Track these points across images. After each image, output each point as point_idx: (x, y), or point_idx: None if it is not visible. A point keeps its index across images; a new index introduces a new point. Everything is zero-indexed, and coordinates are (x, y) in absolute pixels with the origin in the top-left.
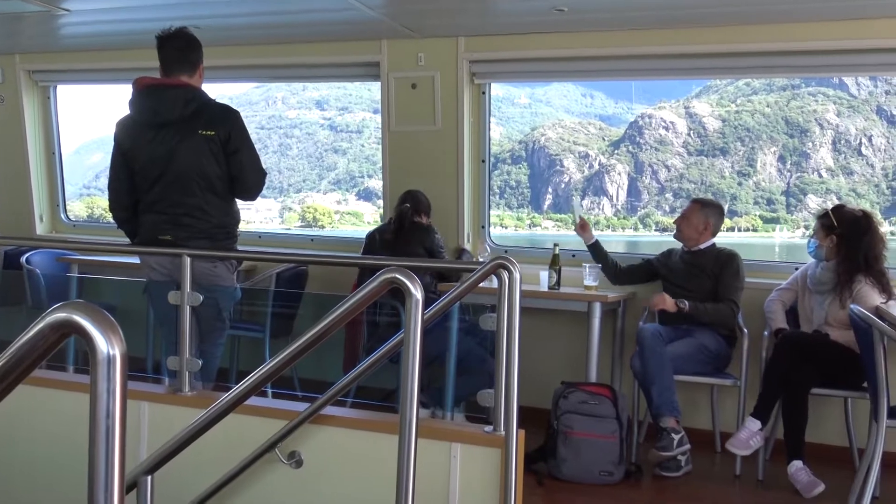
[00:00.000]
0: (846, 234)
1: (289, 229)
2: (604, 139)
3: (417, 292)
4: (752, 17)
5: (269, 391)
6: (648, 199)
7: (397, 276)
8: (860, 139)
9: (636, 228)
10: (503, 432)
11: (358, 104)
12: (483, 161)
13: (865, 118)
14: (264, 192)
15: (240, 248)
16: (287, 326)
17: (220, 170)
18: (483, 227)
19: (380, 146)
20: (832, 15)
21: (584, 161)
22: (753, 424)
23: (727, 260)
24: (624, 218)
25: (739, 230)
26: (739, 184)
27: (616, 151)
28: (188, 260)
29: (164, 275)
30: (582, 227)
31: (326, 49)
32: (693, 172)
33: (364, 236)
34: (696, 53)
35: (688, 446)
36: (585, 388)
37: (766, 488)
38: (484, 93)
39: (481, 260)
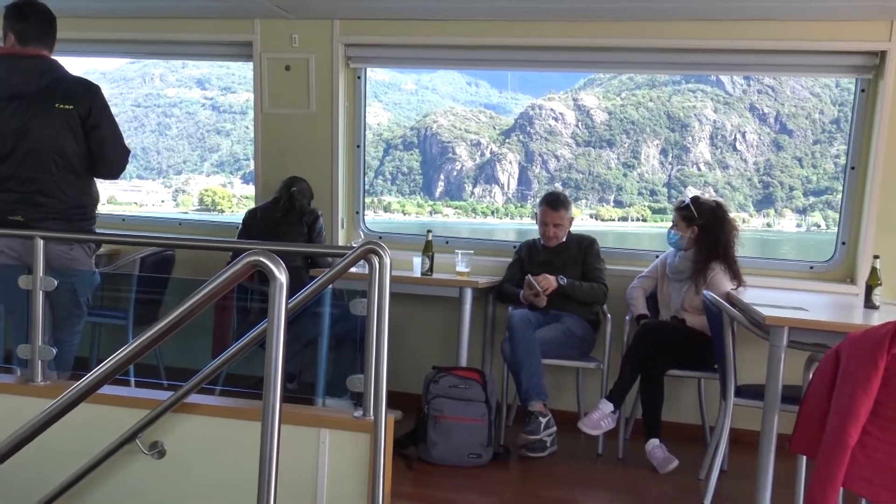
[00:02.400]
0: (706, 224)
1: (186, 213)
2: (494, 128)
3: (282, 276)
4: (632, 13)
5: (132, 380)
6: (538, 188)
7: (261, 258)
8: (735, 135)
9: (533, 217)
10: (372, 417)
11: (242, 84)
12: (358, 146)
13: (740, 115)
14: (143, 173)
15: (100, 230)
16: (153, 313)
17: (78, 146)
18: (357, 212)
19: None
20: (710, 15)
21: (476, 149)
22: (606, 407)
23: (589, 245)
24: (516, 206)
25: (631, 220)
26: (625, 175)
27: (507, 140)
28: (41, 243)
29: (14, 258)
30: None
31: (198, 26)
32: (581, 163)
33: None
34: (579, 47)
35: (554, 429)
36: (456, 373)
37: (626, 465)
38: (359, 77)
39: (355, 246)
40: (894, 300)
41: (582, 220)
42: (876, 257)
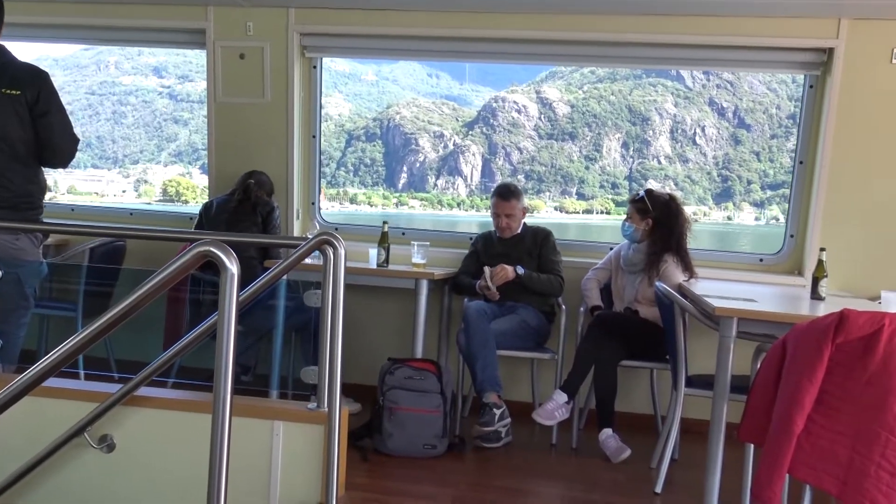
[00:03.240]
0: (659, 217)
1: (149, 204)
2: (457, 120)
3: (233, 266)
4: (591, 7)
5: (82, 372)
6: (502, 180)
7: (211, 248)
8: (695, 129)
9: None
10: (326, 409)
11: (199, 73)
12: (314, 136)
13: (699, 109)
14: (98, 162)
15: (48, 220)
16: (103, 305)
17: (24, 133)
18: (313, 203)
19: None
20: (666, 10)
21: (440, 141)
22: (560, 397)
23: (545, 237)
24: (480, 198)
25: (596, 213)
26: (587, 168)
27: (470, 132)
28: None
29: None
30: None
31: (151, 12)
32: (544, 155)
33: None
34: (539, 39)
35: (508, 420)
36: (411, 364)
37: (579, 455)
38: (315, 67)
39: (310, 237)
40: (840, 292)
41: (547, 213)
42: (822, 250)
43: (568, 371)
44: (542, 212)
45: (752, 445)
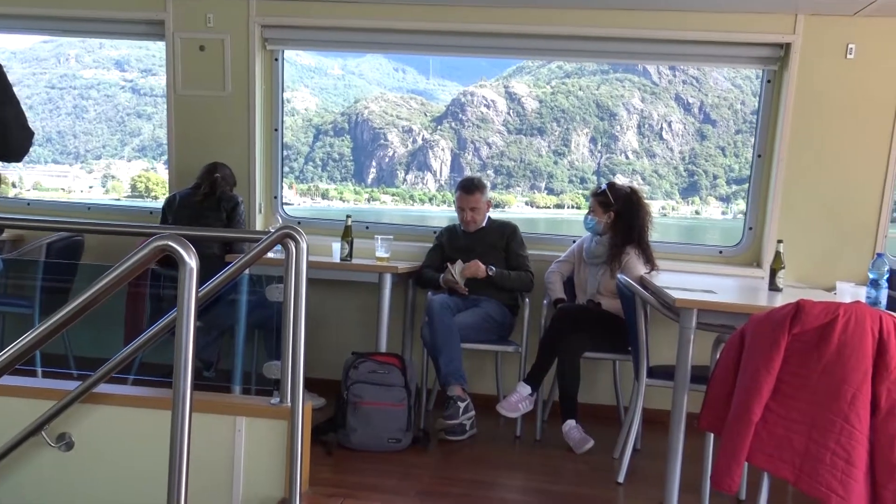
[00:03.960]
0: (621, 210)
1: (118, 199)
2: (426, 114)
3: (192, 260)
4: (552, 1)
5: (39, 370)
6: (469, 175)
7: (169, 243)
8: (661, 124)
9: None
10: (289, 404)
11: (163, 66)
12: (276, 130)
13: (665, 105)
14: (59, 157)
15: (2, 215)
16: (61, 301)
17: None
18: (276, 197)
19: None
20: (628, 4)
21: (408, 136)
22: (524, 389)
23: (512, 232)
24: (451, 193)
25: (567, 207)
26: (555, 162)
27: (439, 127)
28: None
29: None
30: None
31: (109, 2)
32: (513, 150)
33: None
34: (504, 33)
35: (473, 412)
36: (375, 358)
37: (543, 447)
38: (277, 59)
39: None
40: (796, 283)
41: (518, 208)
42: (780, 242)
43: (531, 363)
44: (513, 206)
45: (711, 434)
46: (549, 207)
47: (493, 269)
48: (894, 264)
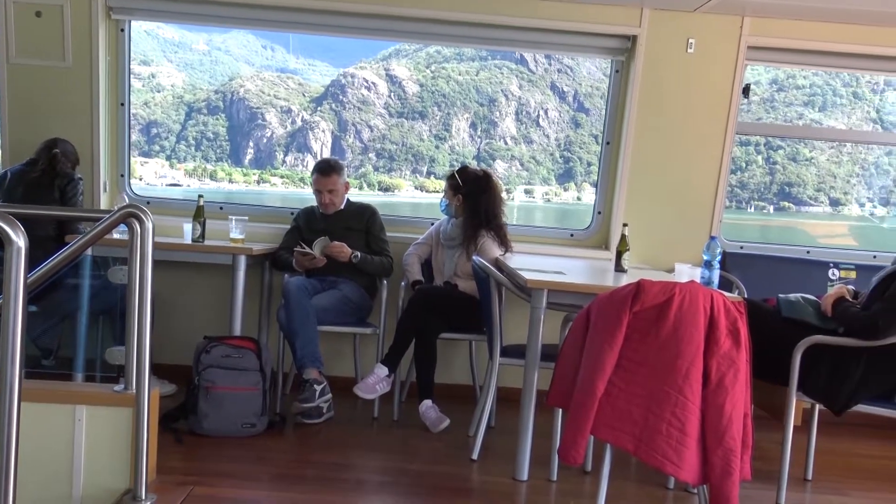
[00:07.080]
0: (469, 193)
1: None
2: (304, 95)
3: (20, 240)
4: None
5: None
6: (352, 158)
7: None
8: (538, 111)
9: (360, 188)
10: (134, 391)
11: None
12: (122, 104)
13: (542, 93)
14: None
15: None
16: None
17: None
18: (122, 175)
19: None
20: None
21: (287, 116)
22: (381, 371)
23: (371, 215)
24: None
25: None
26: (437, 147)
27: (319, 108)
28: None
29: None
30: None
31: None
32: (395, 133)
33: None
34: (366, 13)
35: (329, 395)
36: (229, 342)
37: (401, 427)
38: (123, 30)
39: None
40: (640, 264)
41: (408, 192)
42: (625, 225)
43: (389, 345)
44: (402, 191)
45: (560, 410)
46: (437, 192)
47: (358, 255)
48: (727, 247)
